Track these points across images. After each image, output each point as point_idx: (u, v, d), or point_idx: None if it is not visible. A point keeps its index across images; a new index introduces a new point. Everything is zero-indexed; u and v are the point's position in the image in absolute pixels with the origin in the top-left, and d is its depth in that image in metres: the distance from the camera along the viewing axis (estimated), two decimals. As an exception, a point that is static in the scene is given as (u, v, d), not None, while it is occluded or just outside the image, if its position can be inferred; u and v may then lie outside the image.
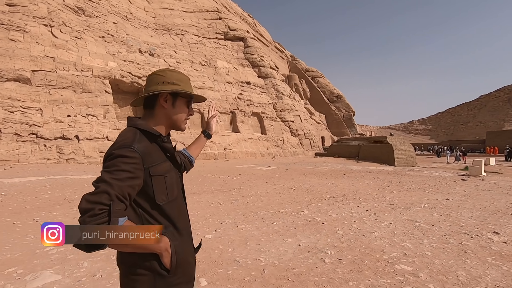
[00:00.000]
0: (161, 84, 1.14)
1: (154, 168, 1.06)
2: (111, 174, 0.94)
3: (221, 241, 3.83)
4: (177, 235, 1.11)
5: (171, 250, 1.05)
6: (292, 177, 10.78)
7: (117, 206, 0.91)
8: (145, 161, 1.03)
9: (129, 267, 1.04)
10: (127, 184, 0.95)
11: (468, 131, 70.00)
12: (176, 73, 1.18)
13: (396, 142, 24.63)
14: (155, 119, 1.16)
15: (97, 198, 0.88)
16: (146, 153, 1.04)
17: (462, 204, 6.48)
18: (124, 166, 0.96)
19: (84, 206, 0.87)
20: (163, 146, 1.13)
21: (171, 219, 1.10)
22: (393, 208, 5.96)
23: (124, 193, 0.93)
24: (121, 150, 0.99)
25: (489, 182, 10.00)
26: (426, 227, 4.61)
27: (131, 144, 1.01)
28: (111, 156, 0.99)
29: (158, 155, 1.10)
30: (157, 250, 1.00)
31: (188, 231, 1.19)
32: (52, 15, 17.66)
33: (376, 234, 4.21)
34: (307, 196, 7.08)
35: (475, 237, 4.16)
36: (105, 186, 0.91)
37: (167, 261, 1.03)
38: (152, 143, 1.09)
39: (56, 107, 15.85)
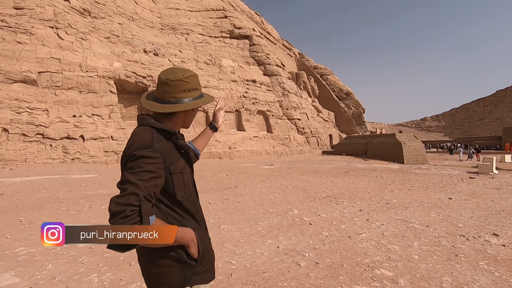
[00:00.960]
0: (187, 91, 1.16)
1: (173, 166, 1.08)
2: (136, 176, 0.95)
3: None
4: (197, 227, 1.16)
5: (197, 241, 1.10)
6: (292, 176, 10.56)
7: (146, 205, 0.93)
8: (165, 160, 1.05)
9: (156, 260, 1.06)
10: (151, 183, 0.97)
11: (484, 127, 67.64)
12: (195, 78, 1.20)
13: (405, 139, 23.97)
14: (173, 120, 1.18)
15: (126, 200, 0.90)
16: (165, 152, 1.06)
17: (464, 204, 6.14)
18: (147, 167, 0.98)
19: (115, 209, 0.88)
20: (177, 143, 1.14)
21: (191, 213, 1.15)
22: (389, 207, 5.69)
23: (150, 192, 0.96)
24: (143, 151, 1.00)
25: (499, 180, 9.51)
26: (419, 228, 4.35)
27: (151, 144, 1.02)
28: (133, 157, 1.00)
29: (174, 153, 1.12)
30: (184, 241, 1.05)
31: (204, 223, 1.23)
32: (58, 17, 17.97)
33: (363, 235, 3.99)
34: (301, 195, 6.87)
35: (471, 239, 3.89)
36: (132, 187, 0.92)
37: (194, 251, 1.08)
38: (168, 141, 1.11)
39: (62, 107, 16.11)
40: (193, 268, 1.09)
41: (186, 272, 1.07)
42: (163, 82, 1.14)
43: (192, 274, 1.09)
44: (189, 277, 1.08)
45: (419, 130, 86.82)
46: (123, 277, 2.67)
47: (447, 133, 78.54)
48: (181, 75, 1.15)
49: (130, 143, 1.06)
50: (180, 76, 1.14)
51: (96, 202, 5.99)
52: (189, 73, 1.18)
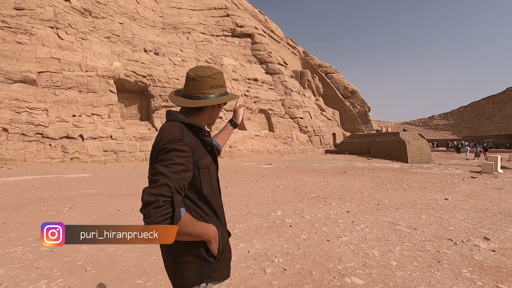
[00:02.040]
0: (215, 87, 1.20)
1: (200, 161, 1.10)
2: (167, 168, 0.97)
3: (167, 245, 3.54)
4: (219, 224, 1.17)
5: (219, 237, 1.12)
6: (287, 175, 10.35)
7: (177, 197, 0.95)
8: (194, 154, 1.07)
9: (177, 256, 1.09)
10: (181, 176, 0.99)
11: (494, 125, 66.06)
12: (221, 75, 1.25)
13: (409, 138, 23.49)
14: (200, 117, 1.21)
15: (159, 191, 0.91)
16: (194, 147, 1.08)
17: (460, 205, 5.85)
18: (178, 160, 1.00)
19: (147, 199, 0.90)
20: (204, 140, 1.16)
21: (214, 209, 1.16)
22: (379, 209, 5.44)
23: (180, 184, 0.98)
24: (174, 144, 1.03)
25: (502, 180, 9.13)
26: (406, 231, 4.11)
27: (182, 138, 1.05)
28: (165, 150, 1.02)
29: (201, 148, 1.14)
30: (206, 237, 1.07)
31: (224, 220, 1.25)
32: (58, 17, 18.06)
33: (343, 239, 3.78)
34: (290, 196, 6.66)
35: (459, 244, 3.64)
36: (164, 179, 0.94)
37: (215, 248, 1.10)
38: (195, 137, 1.13)
39: (62, 107, 16.19)
40: (212, 264, 1.10)
41: (204, 268, 1.09)
42: (192, 78, 1.19)
43: (210, 270, 1.10)
44: (206, 273, 1.09)
45: (427, 128, 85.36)
46: (73, 284, 2.52)
47: (456, 131, 77.01)
48: (209, 72, 1.20)
49: (161, 137, 1.09)
50: (208, 73, 1.19)
51: (79, 202, 5.89)
52: (216, 71, 1.23)
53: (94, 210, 5.26)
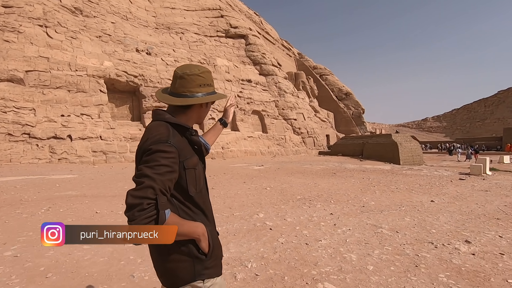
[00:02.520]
0: (202, 86, 1.19)
1: (187, 161, 1.09)
2: (152, 169, 0.96)
3: (135, 251, 3.40)
4: (207, 222, 1.18)
5: (208, 235, 1.11)
6: (276, 177, 10.25)
7: (162, 199, 0.94)
8: (180, 155, 1.06)
9: (167, 255, 1.08)
10: (167, 178, 0.98)
11: (486, 128, 66.93)
12: (209, 74, 1.24)
13: (401, 140, 23.61)
14: (188, 115, 1.20)
15: (143, 193, 0.90)
16: (180, 147, 1.07)
17: (446, 207, 5.81)
18: (163, 161, 0.99)
19: (132, 201, 0.89)
20: (191, 139, 1.15)
21: (201, 208, 1.17)
22: (363, 211, 5.37)
23: (165, 186, 0.97)
24: (159, 145, 1.01)
25: (490, 182, 9.16)
26: (387, 234, 4.04)
27: (167, 139, 1.04)
28: (149, 151, 1.01)
29: (188, 148, 1.13)
30: (195, 235, 1.07)
31: (213, 218, 1.27)
32: (48, 16, 17.77)
33: (323, 242, 3.68)
34: (276, 197, 6.57)
35: (440, 247, 3.57)
36: (149, 181, 0.93)
37: (205, 245, 1.10)
38: (182, 137, 1.12)
39: (50, 107, 15.90)
40: (203, 262, 1.10)
41: (196, 266, 1.08)
42: (179, 76, 1.17)
43: (202, 268, 1.09)
44: (199, 271, 1.09)
45: (420, 130, 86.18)
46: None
47: (449, 133, 77.86)
48: (197, 70, 1.19)
49: (146, 137, 1.07)
50: (196, 71, 1.18)
51: (58, 204, 5.72)
52: (204, 69, 1.22)
53: (71, 212, 5.10)
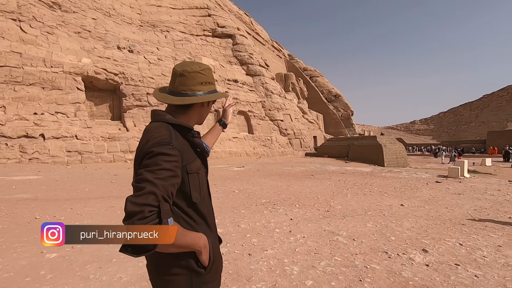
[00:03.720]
0: (204, 84, 1.12)
1: (190, 165, 1.02)
2: (153, 174, 0.89)
3: (51, 265, 3.03)
4: (209, 232, 1.09)
5: (209, 247, 1.04)
6: (251, 179, 9.93)
7: (164, 206, 0.87)
8: (183, 159, 0.99)
9: (164, 268, 1.00)
10: (169, 183, 0.91)
11: (471, 131, 68.31)
12: (210, 71, 1.17)
13: (386, 142, 23.66)
14: (189, 116, 1.12)
15: (144, 200, 0.84)
16: (183, 150, 1.00)
17: (414, 211, 5.60)
18: (165, 165, 0.92)
19: (132, 209, 0.83)
20: (193, 141, 1.08)
21: (204, 216, 1.08)
22: (327, 216, 5.10)
23: (168, 192, 0.90)
24: (161, 148, 0.94)
25: (465, 185, 9.05)
26: (342, 242, 3.76)
27: (169, 141, 0.96)
28: (151, 154, 0.94)
29: (190, 151, 1.05)
30: (196, 247, 0.99)
31: (215, 227, 1.17)
32: (22, 10, 17.07)
33: (268, 252, 3.38)
34: (240, 201, 6.24)
35: (393, 257, 3.30)
36: (151, 186, 0.86)
37: (205, 258, 1.02)
38: (184, 139, 1.05)
39: (22, 104, 15.22)
40: (202, 276, 1.02)
41: (193, 281, 1.01)
42: (179, 74, 1.10)
43: (200, 283, 1.02)
44: (196, 285, 1.02)
45: (408, 133, 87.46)
46: None
47: (436, 136, 79.20)
48: (198, 67, 1.12)
49: (146, 139, 0.99)
50: (197, 68, 1.11)
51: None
52: (205, 66, 1.15)
53: (8, 218, 4.66)
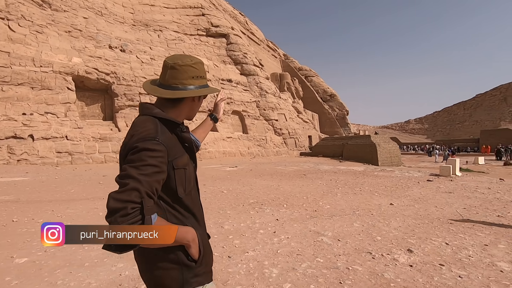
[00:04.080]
0: (195, 78, 1.10)
1: (176, 160, 1.01)
2: (137, 170, 0.88)
3: (32, 266, 2.89)
4: (197, 225, 1.09)
5: (198, 241, 1.03)
6: (242, 179, 9.82)
7: (148, 202, 0.86)
8: (169, 154, 0.97)
9: (153, 262, 0.99)
10: (154, 179, 0.90)
11: (465, 130, 68.93)
12: (203, 65, 1.15)
13: (380, 141, 23.71)
14: (178, 110, 1.11)
15: (127, 196, 0.83)
16: (169, 145, 0.98)
17: (403, 210, 5.54)
18: (150, 160, 0.90)
19: (114, 205, 0.81)
20: (182, 136, 1.07)
21: (191, 210, 1.08)
22: (314, 216, 5.01)
23: (152, 188, 0.88)
24: (146, 143, 0.92)
25: (456, 183, 9.03)
26: (327, 243, 3.67)
27: (155, 135, 0.95)
28: (135, 149, 0.92)
29: (178, 146, 1.04)
30: (185, 241, 0.97)
31: (203, 222, 1.17)
32: (10, 8, 16.76)
33: (249, 254, 3.27)
34: (228, 202, 6.12)
35: (377, 258, 3.22)
36: (134, 182, 0.85)
37: (195, 251, 1.01)
38: (172, 134, 1.03)
39: (10, 104, 14.93)
40: (193, 269, 1.00)
41: (184, 274, 0.99)
42: (170, 67, 1.07)
43: (191, 275, 1.00)
44: (187, 279, 0.99)
45: (403, 132, 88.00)
46: None
47: (430, 135, 79.77)
48: (190, 60, 1.09)
49: (131, 133, 0.98)
50: (189, 62, 1.09)
51: (-23, 210, 5.09)
52: (197, 60, 1.14)
53: (-16, 220, 4.49)
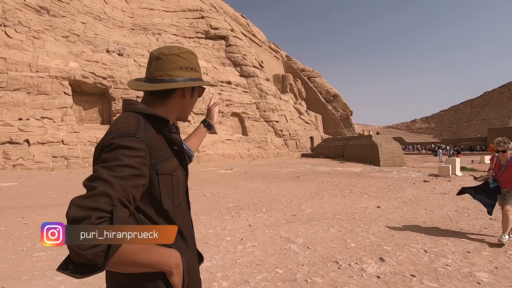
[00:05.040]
0: (184, 69, 0.95)
1: (161, 164, 0.84)
2: (110, 171, 0.72)
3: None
4: (184, 248, 0.90)
5: (183, 267, 0.85)
6: (230, 182, 9.58)
7: (120, 212, 0.70)
8: (152, 155, 0.81)
9: None
10: (130, 183, 0.73)
11: (472, 129, 67.52)
12: (193, 56, 1.00)
13: (381, 141, 23.22)
14: (167, 107, 0.95)
15: (94, 203, 0.67)
16: (153, 145, 0.82)
17: (389, 214, 5.22)
18: (127, 160, 0.74)
19: (75, 214, 0.66)
20: (170, 137, 0.91)
21: (179, 228, 0.87)
22: (290, 221, 4.73)
23: (128, 195, 0.72)
24: (124, 140, 0.77)
25: (453, 184, 8.64)
26: (294, 251, 3.40)
27: (135, 132, 0.79)
28: (110, 147, 0.76)
29: (164, 148, 0.88)
30: (166, 267, 0.80)
31: (193, 242, 0.98)
32: (7, 15, 16.90)
33: (204, 264, 3.03)
34: (206, 206, 5.89)
35: (343, 268, 2.94)
36: (104, 186, 0.69)
37: (178, 280, 0.83)
38: (158, 133, 0.87)
39: (6, 110, 15.00)
40: None
41: None
42: (155, 57, 0.94)
43: None
44: None
45: (409, 131, 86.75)
46: None
47: (437, 134, 78.43)
48: (177, 50, 0.96)
49: (110, 130, 0.82)
50: (176, 51, 0.95)
51: None
52: (187, 50, 0.99)
53: None
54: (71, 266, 0.66)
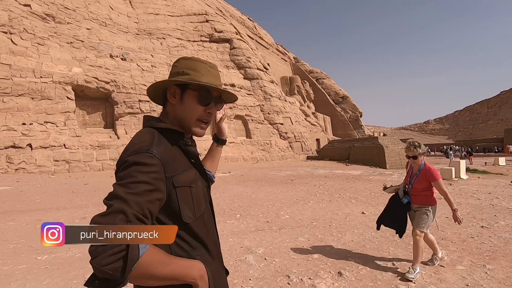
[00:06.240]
0: (176, 74, 0.93)
1: (177, 177, 0.84)
2: (125, 188, 0.74)
3: None
4: (209, 258, 0.90)
5: (209, 278, 0.84)
6: (220, 186, 9.34)
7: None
8: (166, 169, 0.82)
9: None
10: (146, 199, 0.75)
11: (489, 129, 65.00)
12: (191, 61, 0.94)
13: (388, 143, 22.55)
14: (168, 117, 0.95)
15: (110, 220, 0.70)
16: (167, 158, 0.83)
17: (370, 221, 4.87)
18: (141, 177, 0.77)
19: None
20: (186, 149, 0.91)
21: (201, 239, 0.89)
22: (260, 229, 4.46)
23: (144, 210, 0.74)
24: (138, 156, 0.79)
25: (454, 187, 8.13)
26: (248, 263, 3.14)
27: (148, 148, 0.81)
28: (125, 164, 0.80)
29: (181, 160, 0.89)
30: (189, 279, 0.79)
31: (218, 253, 0.98)
32: (13, 22, 17.39)
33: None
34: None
35: (293, 283, 2.66)
36: (120, 203, 0.71)
37: None
38: (173, 146, 0.88)
39: (10, 115, 15.35)
40: None
41: None
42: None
43: None
44: None
45: (422, 133, 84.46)
46: None
47: (451, 135, 75.98)
48: (176, 61, 0.97)
49: (127, 147, 0.85)
50: (176, 61, 0.97)
51: None
52: (185, 58, 0.96)
53: None
54: (96, 281, 0.68)
